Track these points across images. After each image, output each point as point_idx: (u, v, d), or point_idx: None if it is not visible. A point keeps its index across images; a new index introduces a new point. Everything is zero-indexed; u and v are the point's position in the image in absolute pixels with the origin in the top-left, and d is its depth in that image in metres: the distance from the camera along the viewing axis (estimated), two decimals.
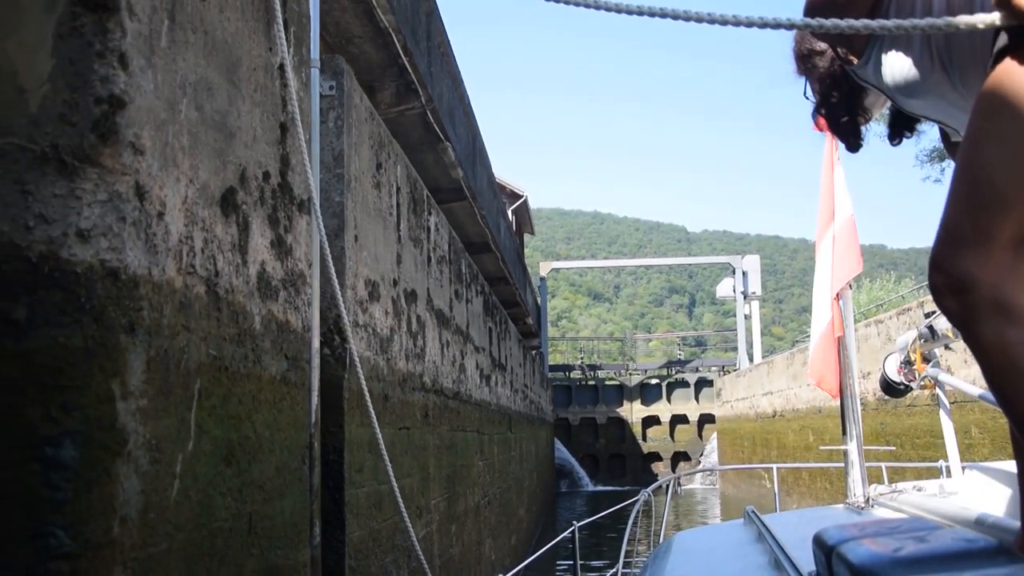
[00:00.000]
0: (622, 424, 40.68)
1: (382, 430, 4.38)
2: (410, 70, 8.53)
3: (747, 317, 39.52)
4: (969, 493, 2.88)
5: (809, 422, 21.58)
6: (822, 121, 4.52)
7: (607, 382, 42.09)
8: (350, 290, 3.94)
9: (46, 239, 1.89)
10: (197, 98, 2.37)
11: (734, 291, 39.51)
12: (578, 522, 5.59)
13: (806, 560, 2.03)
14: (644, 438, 40.60)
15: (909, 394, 4.37)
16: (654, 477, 38.92)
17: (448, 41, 10.54)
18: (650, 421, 40.81)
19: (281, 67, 3.07)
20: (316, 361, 3.34)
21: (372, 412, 3.53)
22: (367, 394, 3.46)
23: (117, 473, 1.93)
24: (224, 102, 2.56)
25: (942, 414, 4.03)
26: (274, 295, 2.94)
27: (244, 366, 2.66)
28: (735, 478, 31.27)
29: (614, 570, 5.68)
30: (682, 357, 47.30)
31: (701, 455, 39.02)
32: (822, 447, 11.41)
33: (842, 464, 4.16)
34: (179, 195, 2.25)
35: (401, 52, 8.12)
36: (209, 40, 2.47)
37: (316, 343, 3.35)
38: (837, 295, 4.19)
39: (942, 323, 3.75)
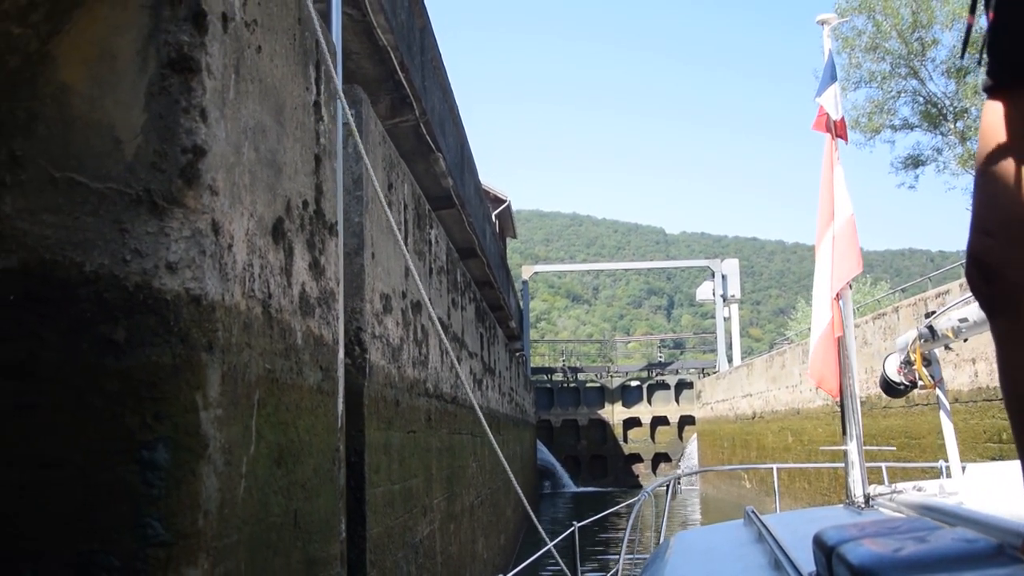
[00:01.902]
0: (603, 426, 41.08)
1: (394, 434, 4.69)
2: (405, 85, 8.83)
3: (726, 319, 40.04)
4: (969, 493, 2.97)
5: (788, 423, 22.04)
6: (821, 120, 4.63)
7: (588, 384, 42.47)
8: (368, 304, 4.24)
9: (140, 271, 2.19)
10: (255, 140, 2.67)
11: (713, 294, 40.03)
12: (578, 522, 5.61)
13: (806, 560, 2.02)
14: (625, 439, 41.02)
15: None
16: (635, 478, 39.37)
17: (440, 55, 10.84)
18: (631, 423, 41.24)
19: (316, 104, 3.37)
20: (342, 371, 3.64)
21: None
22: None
23: (201, 473, 2.22)
24: (274, 141, 2.86)
25: (942, 415, 4.03)
26: (311, 312, 3.24)
27: (290, 377, 2.96)
28: (715, 479, 31.70)
29: (614, 570, 5.65)
30: (662, 359, 47.77)
31: (681, 456, 39.46)
32: (822, 448, 11.49)
33: (841, 464, 4.17)
34: (243, 228, 2.55)
35: (398, 68, 8.41)
36: (263, 87, 2.77)
37: (341, 354, 3.66)
38: (837, 295, 4.19)
39: (942, 323, 3.80)
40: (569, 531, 5.65)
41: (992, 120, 1.50)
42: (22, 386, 2.12)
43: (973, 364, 10.66)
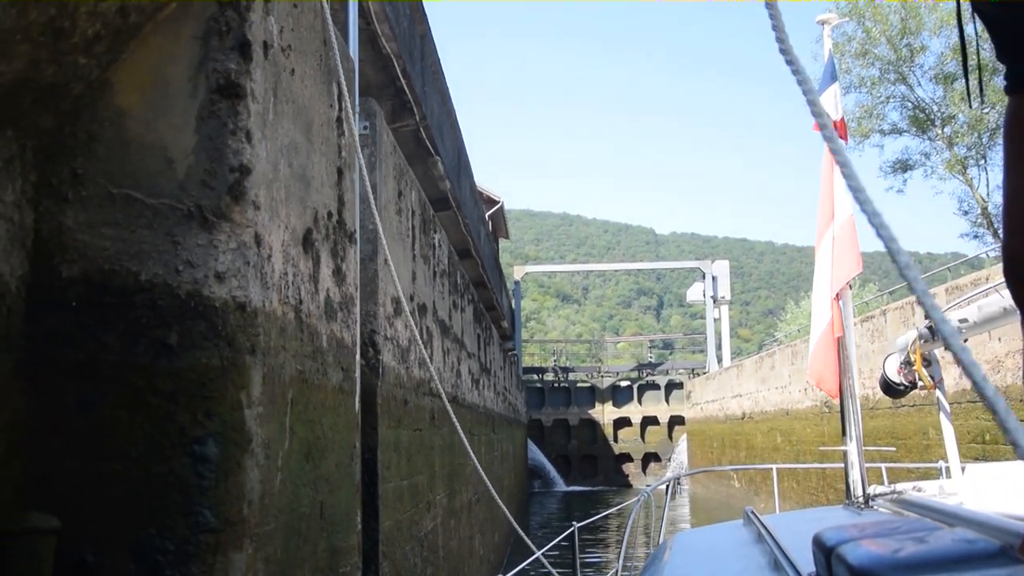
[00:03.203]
0: (594, 425, 41.34)
1: (402, 432, 4.89)
2: (407, 91, 9.02)
3: (716, 320, 40.35)
4: (969, 494, 3.00)
5: (777, 424, 22.31)
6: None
7: (579, 384, 42.72)
8: (381, 307, 4.44)
9: (191, 280, 2.39)
10: (289, 157, 2.87)
11: (704, 295, 40.33)
12: (578, 522, 5.57)
13: (806, 561, 2.02)
14: (615, 439, 41.30)
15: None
16: (625, 478, 39.67)
17: (439, 61, 11.04)
18: (621, 423, 41.52)
19: (338, 119, 3.57)
20: (358, 372, 3.85)
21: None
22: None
23: (245, 466, 2.42)
24: (304, 157, 3.06)
25: (942, 416, 4.04)
26: (335, 316, 3.44)
27: (317, 378, 3.16)
28: (704, 479, 31.97)
29: (614, 570, 5.64)
30: (652, 359, 48.08)
31: (671, 456, 39.75)
32: (821, 447, 11.55)
33: (839, 464, 4.18)
34: (279, 239, 2.75)
35: (400, 75, 8.60)
36: (296, 107, 2.97)
37: (358, 356, 3.86)
38: (837, 295, 4.23)
39: None
40: (568, 531, 5.62)
41: (1017, 119, 1.51)
42: (85, 385, 2.32)
43: (959, 366, 10.89)
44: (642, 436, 41.39)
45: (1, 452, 2.22)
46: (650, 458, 40.91)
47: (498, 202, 29.48)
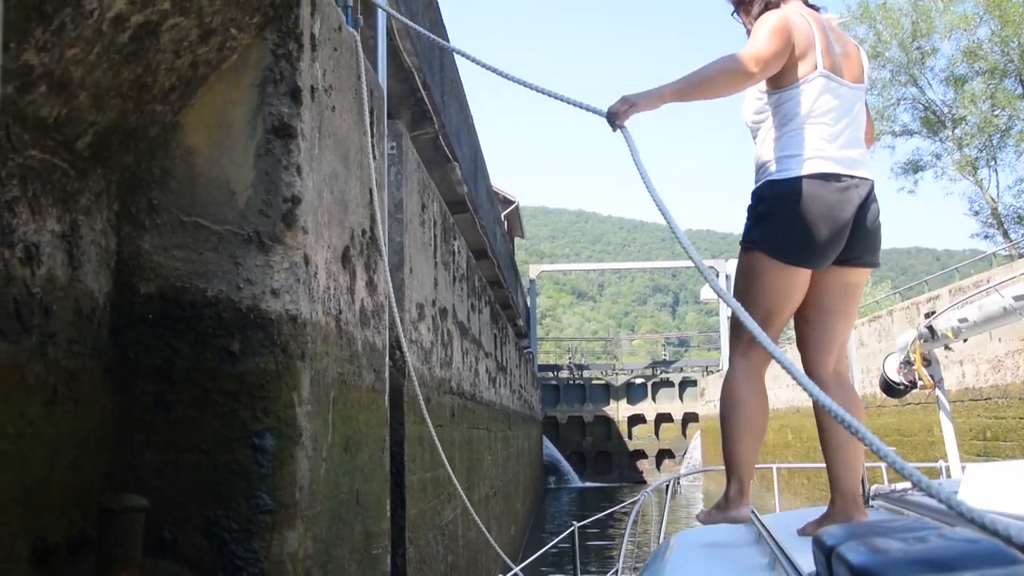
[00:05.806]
0: (608, 422, 41.68)
1: (425, 428, 5.27)
2: (427, 101, 9.39)
3: (729, 318, 40.54)
4: (969, 493, 2.98)
5: (788, 421, 22.59)
6: None
7: (594, 381, 43.05)
8: (407, 313, 4.82)
9: (251, 296, 2.76)
10: (330, 184, 3.25)
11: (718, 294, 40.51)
12: (578, 522, 5.66)
13: (806, 560, 2.01)
14: (630, 436, 41.61)
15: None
16: (640, 474, 39.98)
17: (457, 71, 11.41)
18: (636, 420, 41.83)
19: (371, 145, 3.94)
20: (387, 373, 4.22)
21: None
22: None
23: (297, 456, 2.80)
24: (343, 183, 3.44)
25: (942, 415, 4.07)
26: (368, 323, 3.82)
27: (353, 380, 3.53)
28: (718, 476, 32.22)
29: (614, 570, 5.68)
30: (667, 357, 48.35)
31: (685, 453, 40.03)
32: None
33: None
34: (323, 258, 3.13)
35: (420, 86, 8.98)
36: (336, 140, 3.34)
37: (387, 359, 4.24)
38: None
39: (942, 323, 3.86)
40: (568, 531, 5.66)
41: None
42: (162, 386, 2.70)
43: (961, 365, 11.20)
44: (656, 433, 41.70)
45: (93, 444, 2.61)
46: (664, 455, 41.22)
47: (513, 202, 29.86)
